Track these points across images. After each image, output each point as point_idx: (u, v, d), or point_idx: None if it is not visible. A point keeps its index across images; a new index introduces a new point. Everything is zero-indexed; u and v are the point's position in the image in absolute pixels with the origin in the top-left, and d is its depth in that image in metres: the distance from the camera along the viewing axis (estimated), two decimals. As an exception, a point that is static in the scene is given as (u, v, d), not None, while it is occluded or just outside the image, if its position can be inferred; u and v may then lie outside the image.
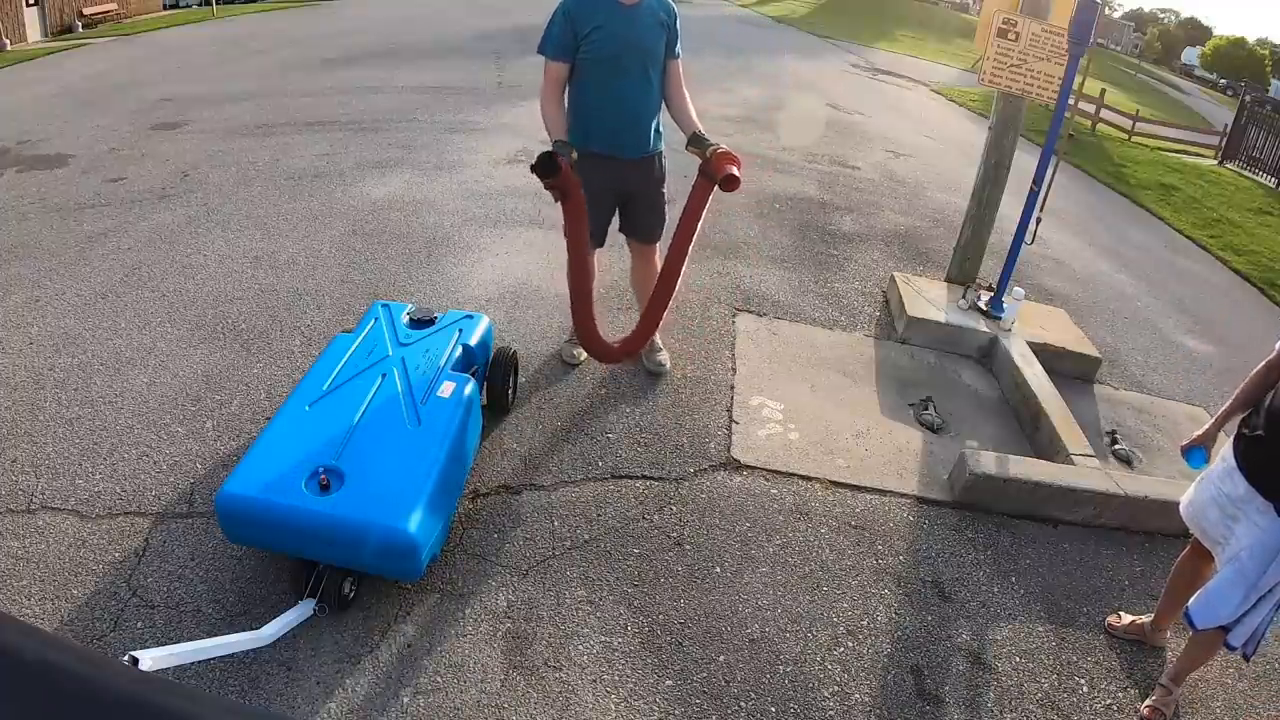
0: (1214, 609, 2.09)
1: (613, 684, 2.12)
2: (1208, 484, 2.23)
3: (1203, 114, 27.05)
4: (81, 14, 16.26)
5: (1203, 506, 2.22)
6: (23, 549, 2.31)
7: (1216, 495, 2.17)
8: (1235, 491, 2.10)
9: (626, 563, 2.51)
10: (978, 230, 4.61)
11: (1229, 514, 2.12)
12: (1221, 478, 2.17)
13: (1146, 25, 75.02)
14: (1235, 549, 2.09)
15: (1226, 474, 2.15)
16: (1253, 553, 2.03)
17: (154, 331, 3.52)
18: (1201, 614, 2.12)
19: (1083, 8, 3.67)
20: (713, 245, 5.07)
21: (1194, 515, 2.27)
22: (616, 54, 2.84)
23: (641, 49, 2.87)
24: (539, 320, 3.86)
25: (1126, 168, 11.15)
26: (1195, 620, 2.14)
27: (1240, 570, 2.05)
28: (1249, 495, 2.07)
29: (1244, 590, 2.05)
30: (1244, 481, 2.08)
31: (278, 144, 6.43)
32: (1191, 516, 2.28)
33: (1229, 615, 2.07)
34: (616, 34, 2.81)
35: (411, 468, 2.18)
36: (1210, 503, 2.19)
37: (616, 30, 2.81)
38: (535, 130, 7.35)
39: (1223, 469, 2.18)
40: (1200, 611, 2.12)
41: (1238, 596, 2.05)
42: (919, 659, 2.34)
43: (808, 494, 2.94)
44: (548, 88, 2.91)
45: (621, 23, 2.81)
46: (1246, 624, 2.07)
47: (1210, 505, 2.19)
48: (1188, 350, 4.99)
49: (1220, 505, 2.15)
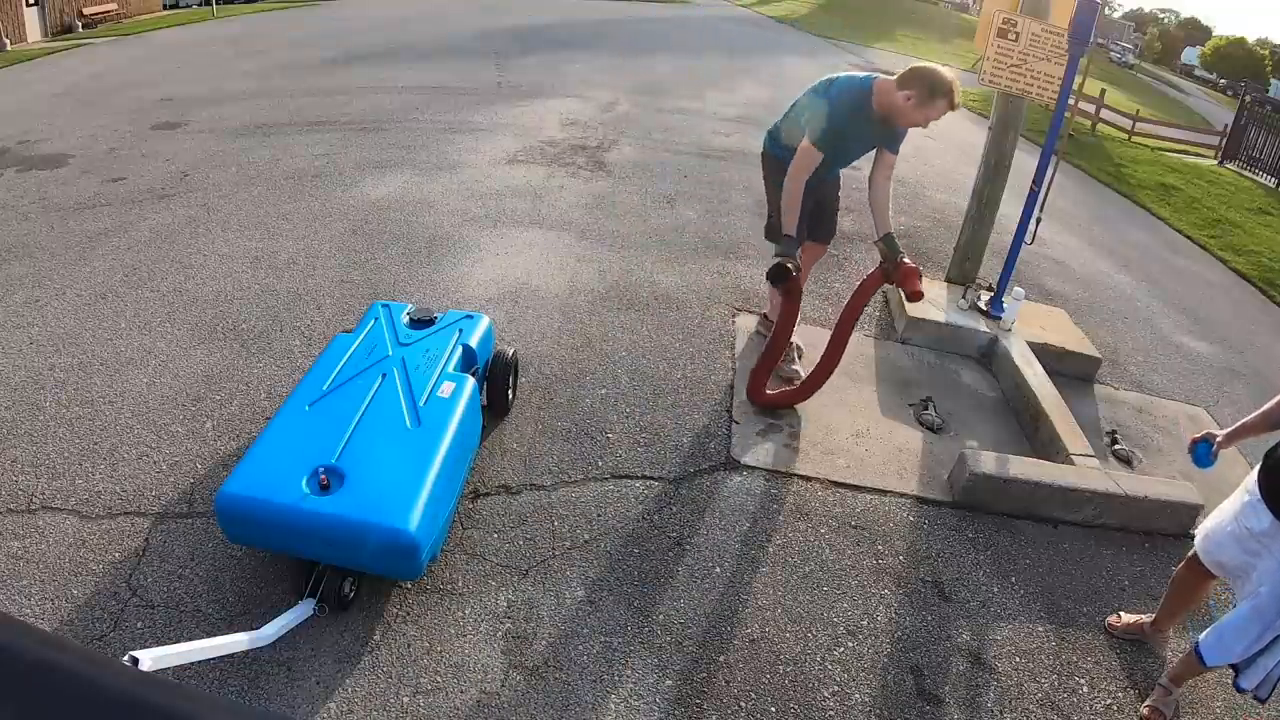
0: (1227, 646, 2.03)
1: (613, 684, 2.12)
2: (1227, 517, 2.13)
3: (1202, 114, 27.06)
4: (81, 14, 16.26)
5: (1222, 541, 2.12)
6: (23, 549, 2.31)
7: (1237, 530, 2.07)
8: (1259, 526, 2.00)
9: (626, 563, 2.51)
10: (978, 230, 4.61)
11: (1251, 550, 2.03)
12: (1245, 512, 2.07)
13: (1146, 25, 75.02)
14: (1255, 585, 2.01)
15: (1250, 508, 2.05)
16: (1274, 591, 1.95)
17: (154, 331, 3.52)
18: (1213, 651, 2.05)
19: (1083, 8, 3.67)
20: (713, 245, 5.07)
21: (1212, 550, 2.17)
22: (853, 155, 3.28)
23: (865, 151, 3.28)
24: (539, 320, 3.86)
25: (1126, 168, 11.15)
26: (1206, 657, 2.06)
27: (1258, 608, 1.98)
28: (1274, 530, 1.98)
29: (1259, 629, 1.97)
30: (1270, 516, 1.99)
31: (278, 144, 6.43)
32: (1209, 551, 2.18)
33: (1241, 653, 2.00)
34: (865, 137, 3.15)
35: (411, 468, 2.18)
36: (1230, 538, 2.10)
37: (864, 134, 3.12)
38: (535, 130, 7.37)
39: (1246, 503, 2.08)
40: (1212, 648, 2.05)
41: (1252, 634, 1.97)
42: (919, 659, 2.34)
43: (808, 494, 2.93)
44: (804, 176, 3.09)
45: (868, 129, 3.09)
46: (1260, 666, 1.98)
47: (1230, 540, 2.10)
48: (1188, 350, 4.99)
49: (1241, 540, 2.06)
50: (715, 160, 7.10)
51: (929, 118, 2.94)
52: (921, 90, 2.85)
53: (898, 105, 2.92)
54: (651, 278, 4.49)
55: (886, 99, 2.95)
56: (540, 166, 6.30)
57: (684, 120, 8.59)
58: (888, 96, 2.94)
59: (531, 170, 6.18)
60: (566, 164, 6.43)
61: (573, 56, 12.25)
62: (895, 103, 2.92)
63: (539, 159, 6.50)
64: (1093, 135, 13.52)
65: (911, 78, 2.89)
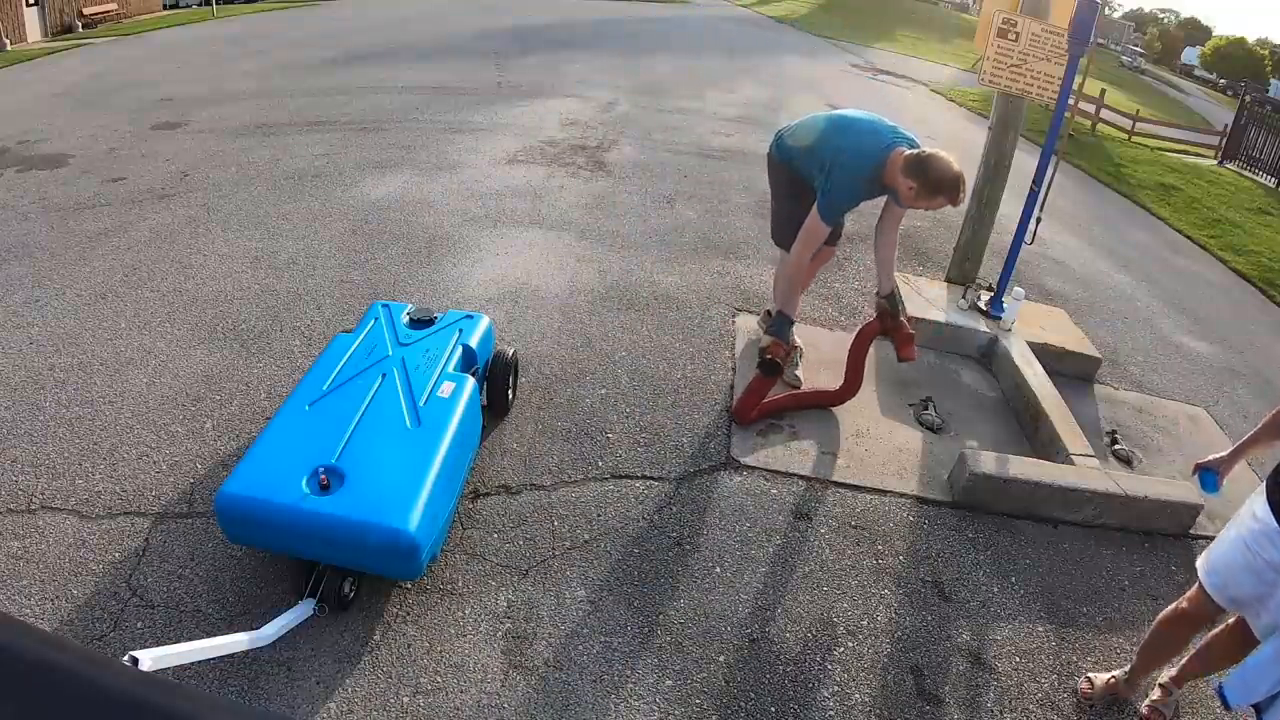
0: (1251, 687, 1.87)
1: (613, 684, 2.12)
2: (1237, 548, 1.96)
3: (1202, 114, 27.06)
4: (81, 14, 16.26)
5: (1233, 573, 1.95)
6: (23, 549, 2.31)
7: (1252, 562, 1.90)
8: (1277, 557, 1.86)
9: (626, 563, 2.51)
10: (978, 230, 4.61)
11: (1268, 580, 1.88)
12: (1258, 541, 1.90)
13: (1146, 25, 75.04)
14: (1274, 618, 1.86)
15: (1264, 536, 1.89)
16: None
17: (154, 331, 3.52)
18: (1236, 692, 1.90)
19: (1083, 8, 3.67)
20: (713, 245, 5.08)
21: (1221, 584, 1.98)
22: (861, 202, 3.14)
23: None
24: (539, 320, 3.86)
25: (1126, 168, 11.15)
26: (1230, 699, 1.91)
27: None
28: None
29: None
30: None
31: (278, 144, 6.43)
32: (1218, 585, 1.99)
33: (1266, 691, 1.85)
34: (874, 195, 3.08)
35: (411, 468, 2.18)
36: (1244, 570, 1.93)
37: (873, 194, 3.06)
38: (535, 130, 7.37)
39: (1257, 531, 1.91)
40: (1236, 690, 1.90)
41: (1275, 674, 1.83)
42: (919, 659, 2.34)
43: (807, 494, 2.94)
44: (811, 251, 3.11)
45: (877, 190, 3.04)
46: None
47: (1244, 572, 1.93)
48: (1188, 350, 4.99)
49: (1257, 571, 1.90)
50: (715, 160, 7.10)
51: (927, 207, 2.93)
52: (923, 184, 2.80)
53: (900, 188, 2.88)
54: (651, 278, 4.49)
55: (892, 176, 2.91)
56: (540, 166, 6.30)
57: (684, 120, 8.59)
58: (893, 176, 2.89)
59: (531, 170, 6.18)
60: (566, 164, 6.43)
61: (572, 56, 12.25)
62: (898, 185, 2.88)
63: (539, 159, 6.50)
64: (1093, 135, 13.53)
65: (917, 169, 2.81)
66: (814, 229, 3.02)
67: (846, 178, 2.94)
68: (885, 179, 2.93)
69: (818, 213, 2.99)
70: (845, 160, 2.95)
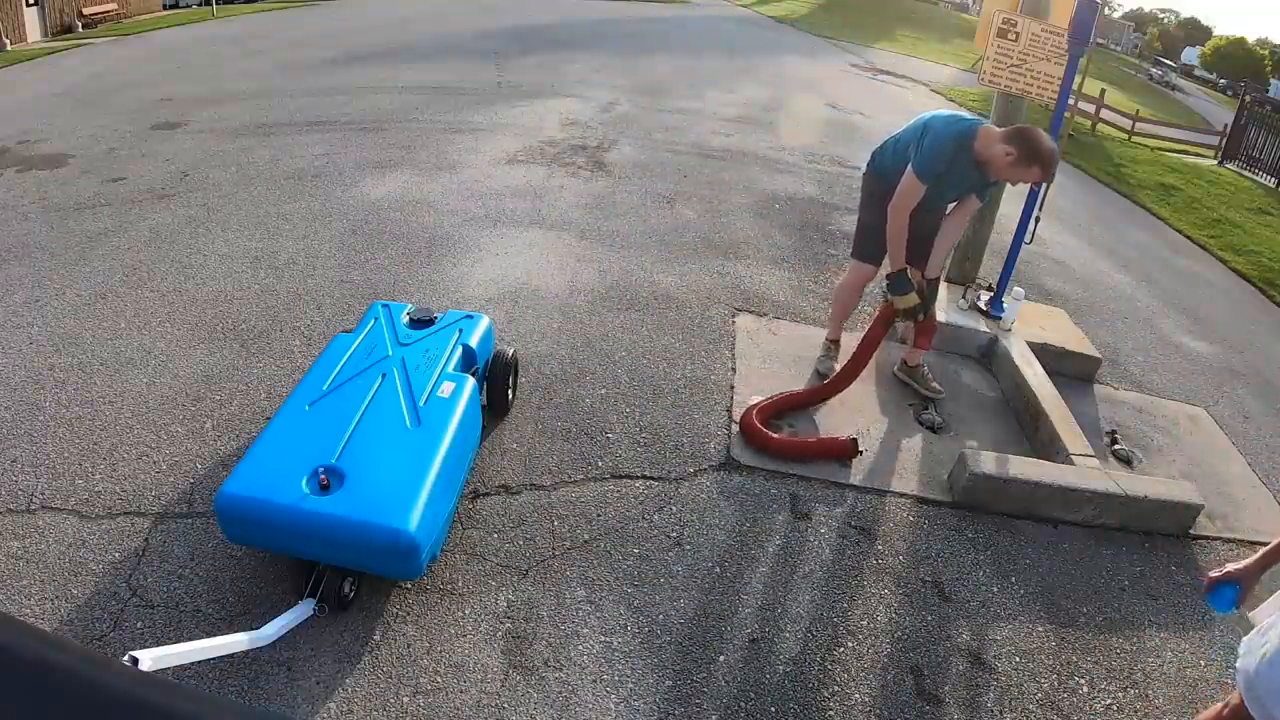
0: None
1: (613, 684, 2.12)
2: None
3: (1202, 114, 27.06)
4: (81, 14, 16.26)
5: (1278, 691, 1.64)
6: (23, 549, 2.31)
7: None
8: None
9: (626, 563, 2.51)
10: (978, 230, 4.61)
11: None
12: None
13: (1146, 25, 75.04)
14: None
15: None
16: None
17: (154, 331, 3.52)
18: None
19: (1083, 8, 3.67)
20: (713, 245, 5.08)
21: (1262, 697, 1.66)
22: (948, 196, 3.27)
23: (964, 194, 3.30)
24: (539, 320, 3.86)
25: (1126, 168, 11.15)
26: None
27: None
28: None
29: None
30: None
31: (278, 144, 6.43)
32: (1259, 699, 1.67)
33: None
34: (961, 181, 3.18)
35: (411, 468, 2.18)
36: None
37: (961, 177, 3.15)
38: (535, 130, 7.38)
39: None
40: None
41: None
42: (919, 659, 2.34)
43: (808, 494, 2.94)
44: (908, 207, 3.15)
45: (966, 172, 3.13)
46: None
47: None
48: (1188, 350, 4.99)
49: None
50: (715, 160, 7.10)
51: (1019, 178, 3.02)
52: (1022, 152, 2.89)
53: (996, 157, 2.96)
54: (651, 278, 4.49)
55: (986, 148, 2.99)
56: (540, 166, 6.30)
57: (684, 120, 8.59)
58: (988, 146, 2.98)
59: (531, 170, 6.18)
60: (566, 164, 6.43)
61: (572, 56, 12.26)
62: (994, 154, 2.96)
63: (539, 159, 6.50)
64: (1092, 135, 13.54)
65: (1018, 137, 2.92)
66: (909, 186, 3.09)
67: (938, 140, 3.04)
68: (977, 151, 3.02)
69: (913, 170, 3.07)
70: (938, 127, 3.07)
